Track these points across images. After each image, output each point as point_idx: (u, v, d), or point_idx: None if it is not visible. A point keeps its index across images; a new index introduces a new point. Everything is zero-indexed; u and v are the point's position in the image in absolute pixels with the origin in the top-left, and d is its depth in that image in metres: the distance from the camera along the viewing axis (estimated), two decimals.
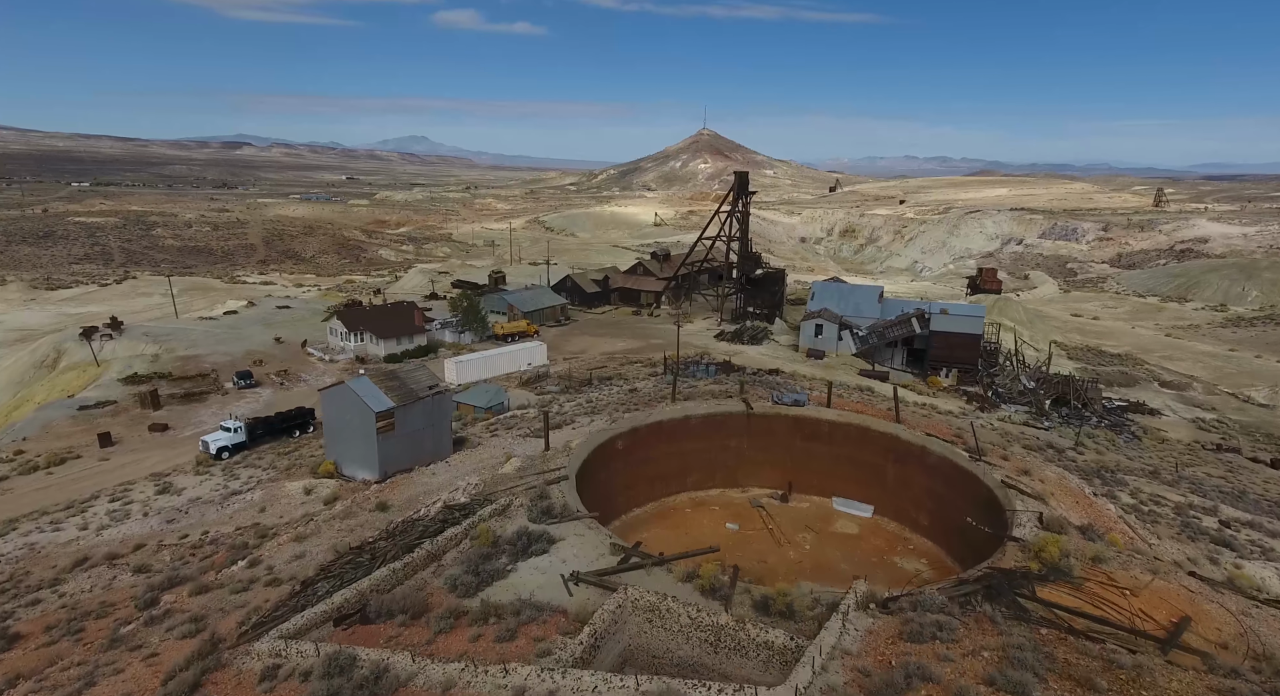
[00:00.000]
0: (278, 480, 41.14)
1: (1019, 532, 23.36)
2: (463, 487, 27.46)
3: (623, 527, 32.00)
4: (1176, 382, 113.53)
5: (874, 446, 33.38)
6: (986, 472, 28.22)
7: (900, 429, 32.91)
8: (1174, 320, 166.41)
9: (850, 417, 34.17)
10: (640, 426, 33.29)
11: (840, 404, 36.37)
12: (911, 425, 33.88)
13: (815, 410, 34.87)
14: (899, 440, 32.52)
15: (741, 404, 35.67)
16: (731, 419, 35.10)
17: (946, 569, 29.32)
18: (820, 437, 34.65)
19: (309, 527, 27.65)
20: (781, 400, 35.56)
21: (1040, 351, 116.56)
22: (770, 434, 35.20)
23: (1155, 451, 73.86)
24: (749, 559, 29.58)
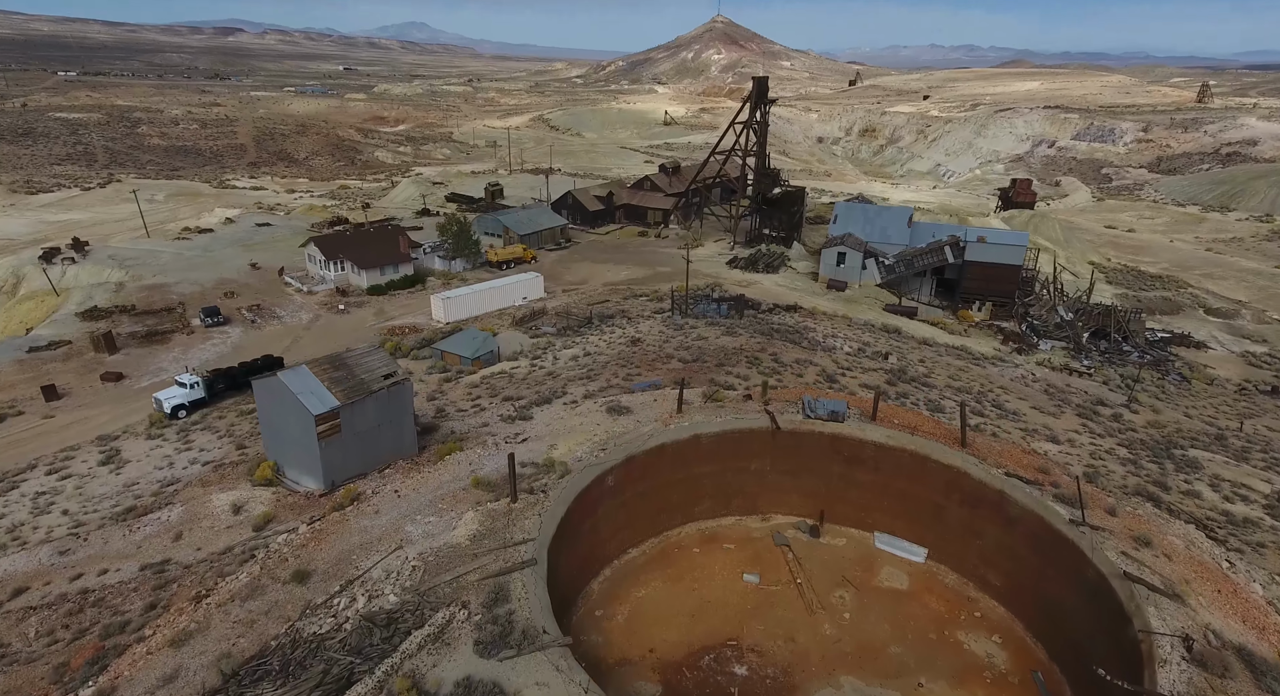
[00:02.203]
0: (209, 485, 34.66)
1: (1168, 679, 16.52)
2: (396, 572, 20.67)
3: (613, 581, 25.51)
4: (1224, 310, 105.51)
5: (933, 480, 26.27)
6: (1097, 547, 21.14)
7: (969, 461, 25.66)
8: (1215, 232, 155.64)
9: (903, 440, 26.87)
10: (636, 454, 26.17)
11: (890, 414, 28.97)
12: (982, 452, 26.59)
13: (858, 427, 27.53)
14: (967, 477, 25.34)
15: (765, 416, 28.32)
16: (752, 437, 27.89)
17: (1027, 652, 22.83)
18: (863, 463, 27.52)
19: (198, 615, 21.19)
20: (815, 412, 28.18)
21: (1078, 276, 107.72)
22: (800, 454, 28.09)
23: (1207, 397, 66.98)
24: (773, 636, 23.12)
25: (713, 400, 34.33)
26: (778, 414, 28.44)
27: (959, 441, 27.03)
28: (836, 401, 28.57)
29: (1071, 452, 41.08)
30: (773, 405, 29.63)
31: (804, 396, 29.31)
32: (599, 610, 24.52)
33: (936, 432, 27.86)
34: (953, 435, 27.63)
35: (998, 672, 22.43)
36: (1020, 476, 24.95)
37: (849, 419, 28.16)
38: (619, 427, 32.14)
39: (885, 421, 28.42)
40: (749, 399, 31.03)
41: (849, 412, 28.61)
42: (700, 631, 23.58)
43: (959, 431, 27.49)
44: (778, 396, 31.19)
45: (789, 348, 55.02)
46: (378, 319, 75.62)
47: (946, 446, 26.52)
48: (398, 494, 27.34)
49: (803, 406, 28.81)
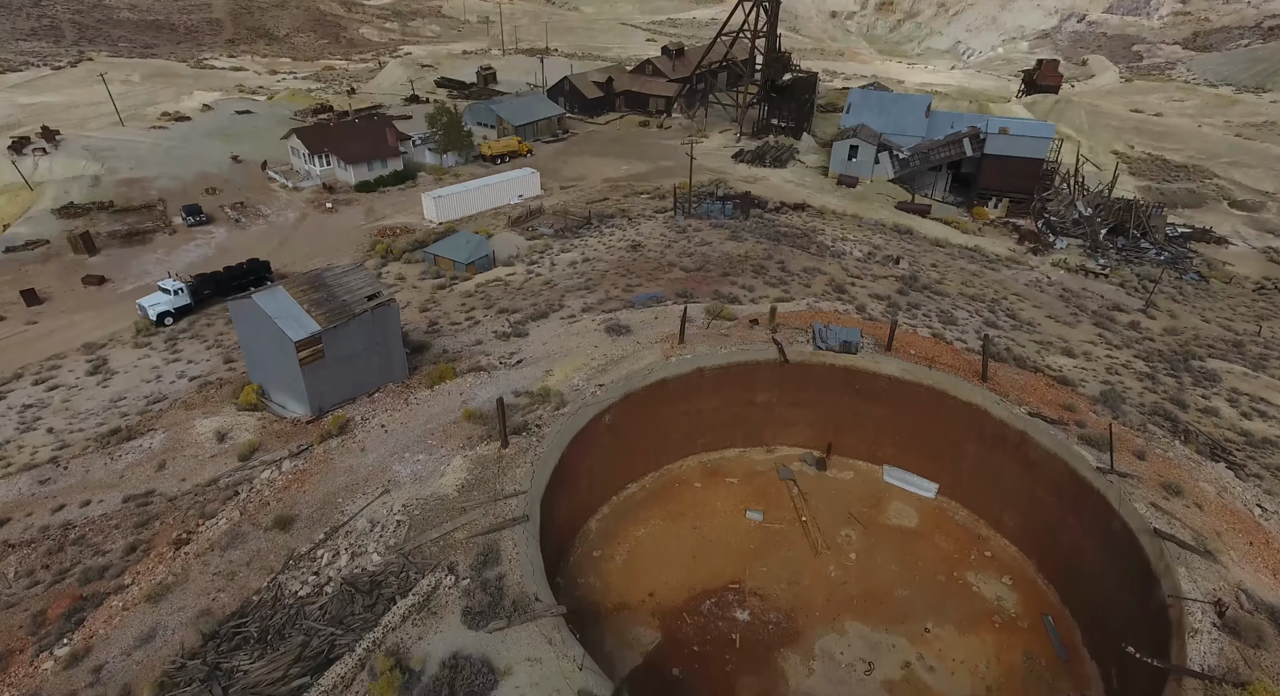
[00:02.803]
0: (192, 409, 33.39)
1: (1198, 651, 15.56)
2: (381, 525, 19.50)
3: (611, 519, 24.61)
4: (1249, 203, 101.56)
5: (950, 417, 24.77)
6: (1125, 499, 19.85)
7: (990, 399, 24.04)
8: (1247, 116, 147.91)
9: (920, 374, 25.15)
10: (635, 391, 24.55)
11: (907, 342, 27.10)
12: (1004, 387, 24.94)
13: (872, 359, 25.74)
14: (987, 416, 23.81)
15: (772, 346, 26.48)
16: (758, 369, 26.18)
17: (1039, 596, 22.14)
18: (877, 397, 25.94)
19: (177, 566, 20.27)
20: (826, 342, 26.30)
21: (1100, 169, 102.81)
22: (809, 387, 26.48)
23: (1225, 298, 65.16)
24: (776, 579, 22.38)
25: (718, 317, 32.46)
26: (786, 344, 26.60)
27: (979, 375, 25.33)
28: (849, 330, 26.64)
29: (1087, 368, 39.54)
30: (781, 333, 27.74)
31: (815, 324, 27.35)
32: (597, 551, 23.72)
33: (955, 364, 26.11)
34: (973, 368, 25.90)
35: (1007, 617, 21.79)
36: (1044, 416, 23.40)
37: (862, 349, 26.33)
38: (617, 350, 30.45)
39: (901, 351, 26.62)
40: (755, 324, 29.10)
41: (862, 342, 26.75)
42: (701, 574, 22.82)
43: (979, 363, 25.74)
44: (787, 321, 29.23)
45: (796, 254, 52.44)
46: (367, 218, 72.38)
47: (966, 381, 24.84)
48: (385, 429, 25.98)
49: (813, 335, 26.91)
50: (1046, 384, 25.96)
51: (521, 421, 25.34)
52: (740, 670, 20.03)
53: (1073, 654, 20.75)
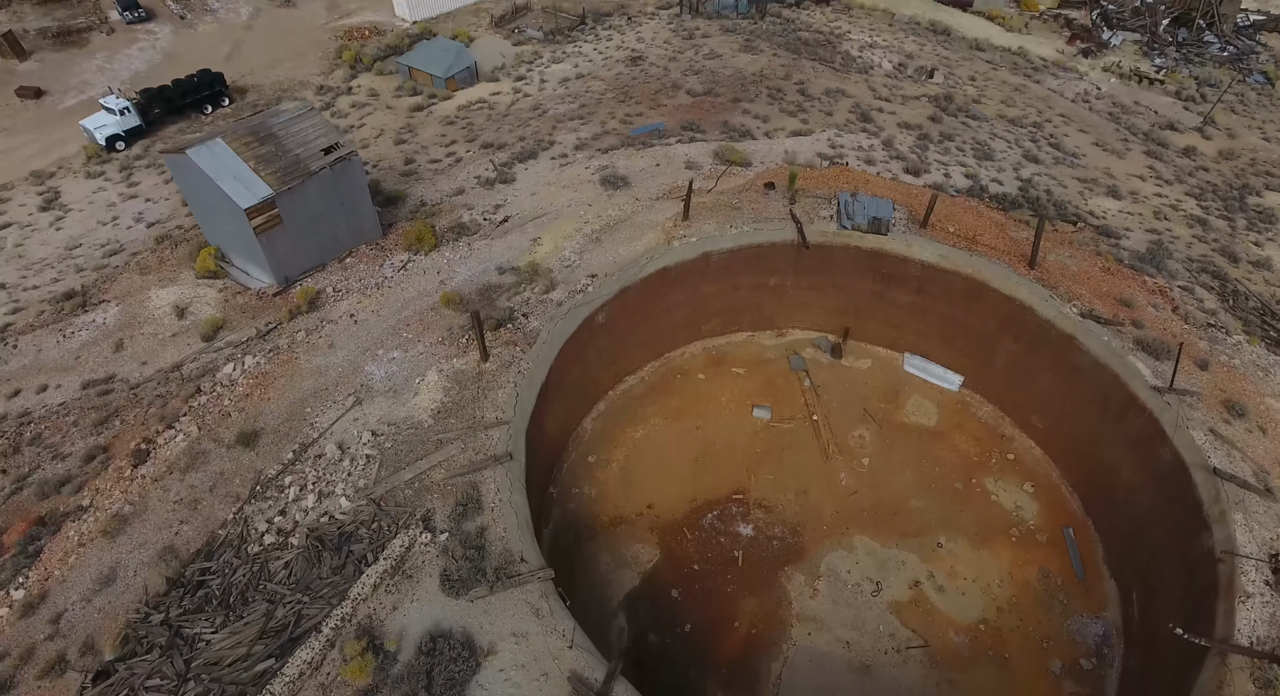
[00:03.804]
0: (146, 273, 30.30)
1: (1247, 618, 14.23)
2: (352, 454, 17.49)
3: (608, 416, 22.81)
4: None
5: (988, 310, 21.90)
6: (1182, 425, 17.66)
7: (1036, 293, 21.00)
8: None
9: (958, 261, 21.87)
10: (631, 285, 21.44)
11: (947, 216, 23.42)
12: (1054, 277, 21.77)
13: (904, 242, 22.30)
14: (1032, 314, 20.94)
15: (788, 222, 22.88)
16: (772, 252, 22.83)
17: (1060, 505, 20.89)
18: (906, 284, 22.88)
19: (134, 491, 18.61)
20: (853, 219, 22.66)
21: None
22: (829, 270, 23.31)
23: None
24: (783, 488, 21.03)
25: (728, 164, 28.50)
26: (806, 221, 22.97)
27: (1027, 260, 22.04)
28: (880, 203, 22.84)
29: (1133, 213, 35.74)
30: (801, 204, 23.94)
31: (840, 194, 23.46)
32: (592, 455, 22.11)
33: (1000, 245, 22.69)
34: (1019, 251, 22.52)
35: (1025, 529, 20.64)
36: (1097, 316, 20.53)
37: (893, 227, 22.76)
38: (614, 210, 26.93)
39: (938, 228, 23.06)
40: (771, 188, 25.15)
41: (894, 217, 23.08)
42: (704, 483, 21.38)
43: (1026, 245, 22.35)
44: (809, 186, 25.21)
45: (818, 71, 45.94)
46: (330, 15, 63.42)
47: (1011, 270, 21.62)
48: (355, 319, 23.25)
49: (838, 209, 23.17)
50: (1102, 269, 22.72)
51: (506, 308, 22.63)
52: (742, 591, 19.20)
53: (1091, 571, 19.82)
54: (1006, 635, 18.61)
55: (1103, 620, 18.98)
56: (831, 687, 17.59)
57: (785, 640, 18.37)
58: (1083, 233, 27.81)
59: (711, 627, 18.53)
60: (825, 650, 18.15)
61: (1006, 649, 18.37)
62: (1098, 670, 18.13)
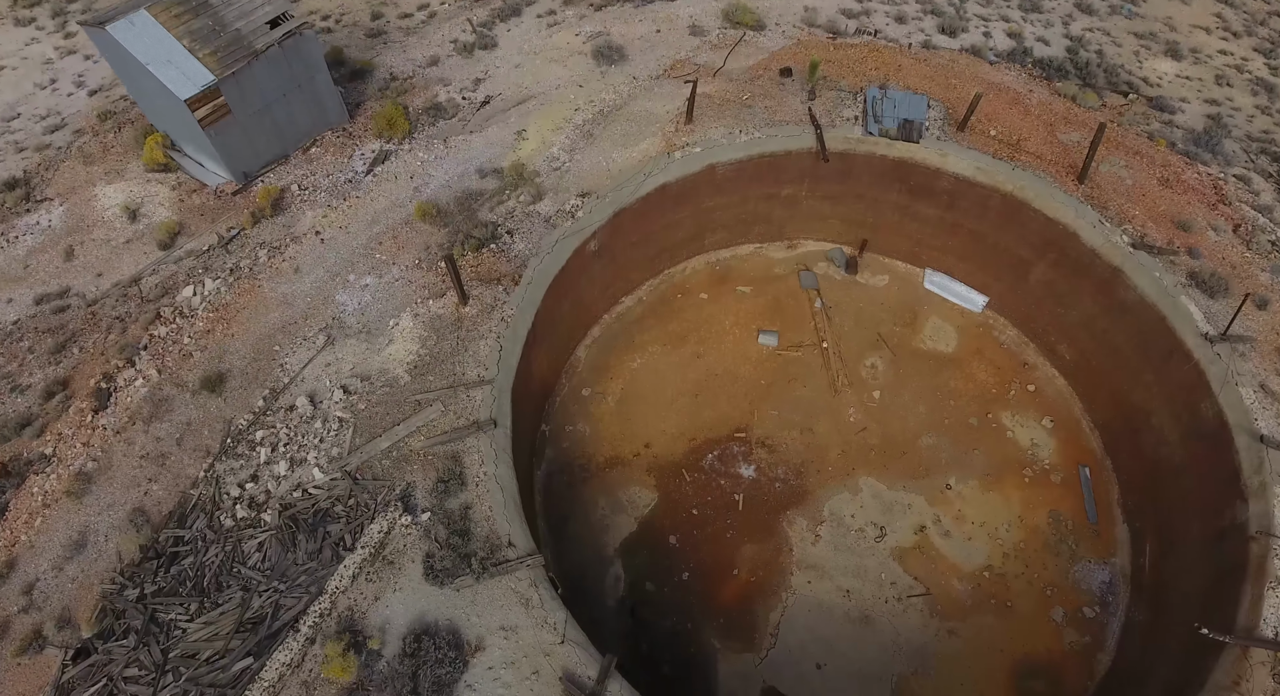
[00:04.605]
0: (90, 163, 27.28)
1: (1274, 605, 13.57)
2: (325, 413, 16.04)
3: (603, 344, 21.32)
4: None
5: (1026, 232, 19.58)
6: (1230, 381, 16.11)
7: (1084, 216, 18.59)
8: None
9: (998, 174, 19.21)
10: (627, 207, 18.90)
11: (989, 115, 20.35)
12: (1105, 193, 19.21)
13: (938, 150, 19.48)
14: (1076, 241, 18.66)
15: (805, 124, 19.90)
16: (786, 161, 20.03)
17: (1079, 442, 19.96)
18: (935, 198, 20.32)
19: (96, 443, 17.33)
20: (881, 121, 19.64)
21: None
22: (849, 179, 20.64)
23: None
24: (788, 425, 20.00)
25: (737, 23, 24.97)
26: (827, 123, 19.93)
27: (1077, 172, 19.38)
28: (914, 101, 19.72)
29: (1192, 79, 31.97)
30: (822, 100, 20.73)
31: (869, 90, 20.22)
32: (586, 389, 20.73)
33: (1047, 153, 19.88)
34: (1068, 160, 19.76)
35: (1040, 468, 19.76)
36: (1150, 245, 18.28)
37: (927, 130, 19.81)
38: (608, 93, 23.92)
39: (978, 131, 20.11)
40: (788, 75, 21.75)
41: (927, 119, 20.04)
42: (704, 419, 20.19)
43: (1077, 154, 19.58)
44: (832, 72, 21.73)
45: None
46: None
47: (1057, 186, 19.03)
48: (321, 237, 20.92)
49: (865, 108, 20.05)
50: (1160, 182, 20.03)
51: (489, 224, 20.35)
52: (741, 537, 18.62)
53: (1104, 514, 19.16)
54: (1010, 582, 18.25)
55: (1110, 566, 18.56)
56: (829, 638, 17.44)
57: (784, 588, 18.03)
58: (1134, 106, 24.76)
59: (710, 575, 18.13)
60: (824, 599, 17.85)
61: (1009, 596, 18.07)
62: (1100, 618, 17.93)
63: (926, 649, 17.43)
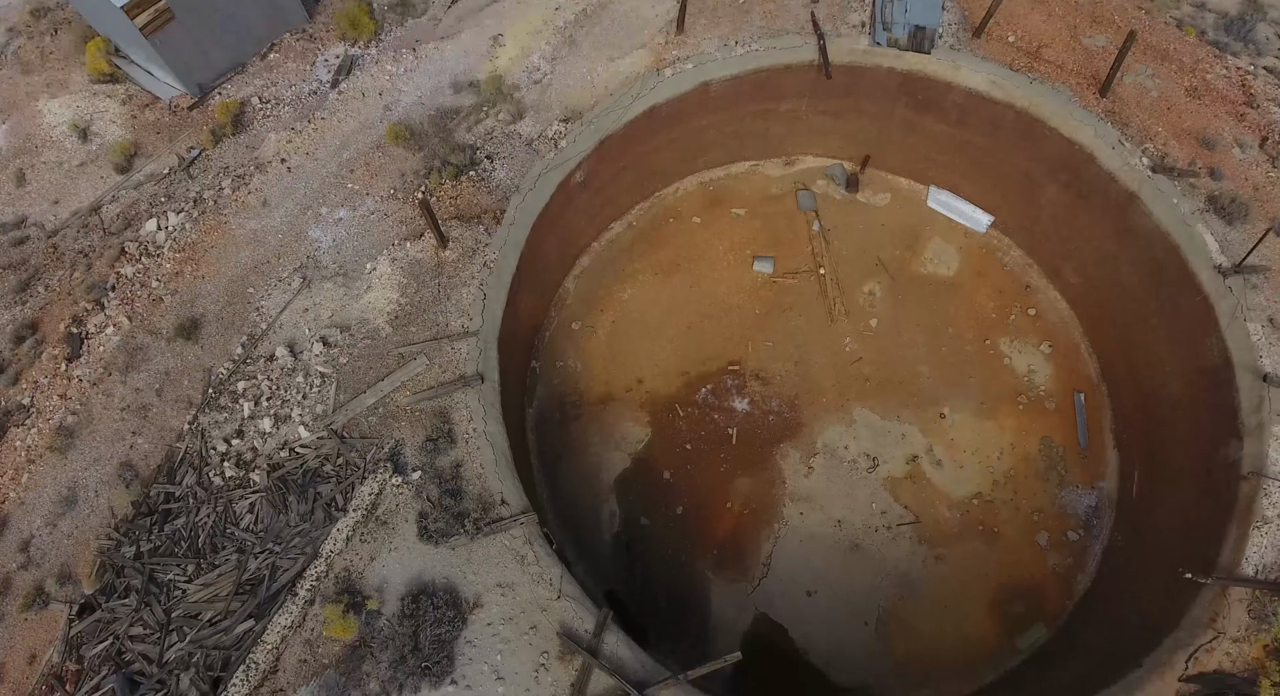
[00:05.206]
0: (30, 73, 25.10)
1: (1258, 545, 13.84)
2: (306, 365, 15.49)
3: (593, 274, 20.70)
4: None
5: (1040, 151, 18.40)
6: (1239, 317, 15.66)
7: (1103, 136, 17.38)
8: None
9: (1014, 90, 17.78)
10: (614, 133, 17.52)
11: (1009, 20, 18.61)
12: (1128, 109, 17.90)
13: (949, 62, 17.91)
14: (1091, 162, 17.55)
15: (806, 33, 18.19)
16: (786, 77, 18.44)
17: (1077, 368, 19.89)
18: (944, 114, 18.93)
19: (73, 395, 16.77)
20: (891, 28, 17.92)
21: None
22: (853, 94, 19.15)
23: None
24: (782, 356, 19.78)
25: None
26: (832, 29, 18.18)
27: (1099, 83, 17.98)
28: (927, 5, 17.91)
29: None
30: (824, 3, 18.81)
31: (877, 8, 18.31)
32: (576, 322, 20.15)
33: (1069, 62, 18.35)
34: (1091, 70, 18.25)
35: (1035, 395, 19.65)
36: (1170, 166, 17.24)
37: (940, 39, 18.15)
38: None
39: (996, 37, 18.45)
40: None
41: (944, 20, 18.31)
42: (698, 352, 19.77)
43: (1104, 58, 18.09)
44: None
45: None
46: None
47: (1075, 102, 17.69)
48: (288, 166, 19.54)
49: (873, 14, 18.24)
50: (1187, 91, 18.61)
51: (467, 148, 19.09)
52: (734, 471, 18.72)
53: (1095, 440, 19.25)
54: (999, 508, 18.57)
55: (1097, 491, 18.85)
56: (820, 566, 17.91)
57: (777, 520, 18.32)
58: None
59: (703, 509, 18.36)
60: (816, 530, 18.18)
61: (997, 522, 18.44)
62: (1083, 541, 18.40)
63: (914, 575, 17.94)
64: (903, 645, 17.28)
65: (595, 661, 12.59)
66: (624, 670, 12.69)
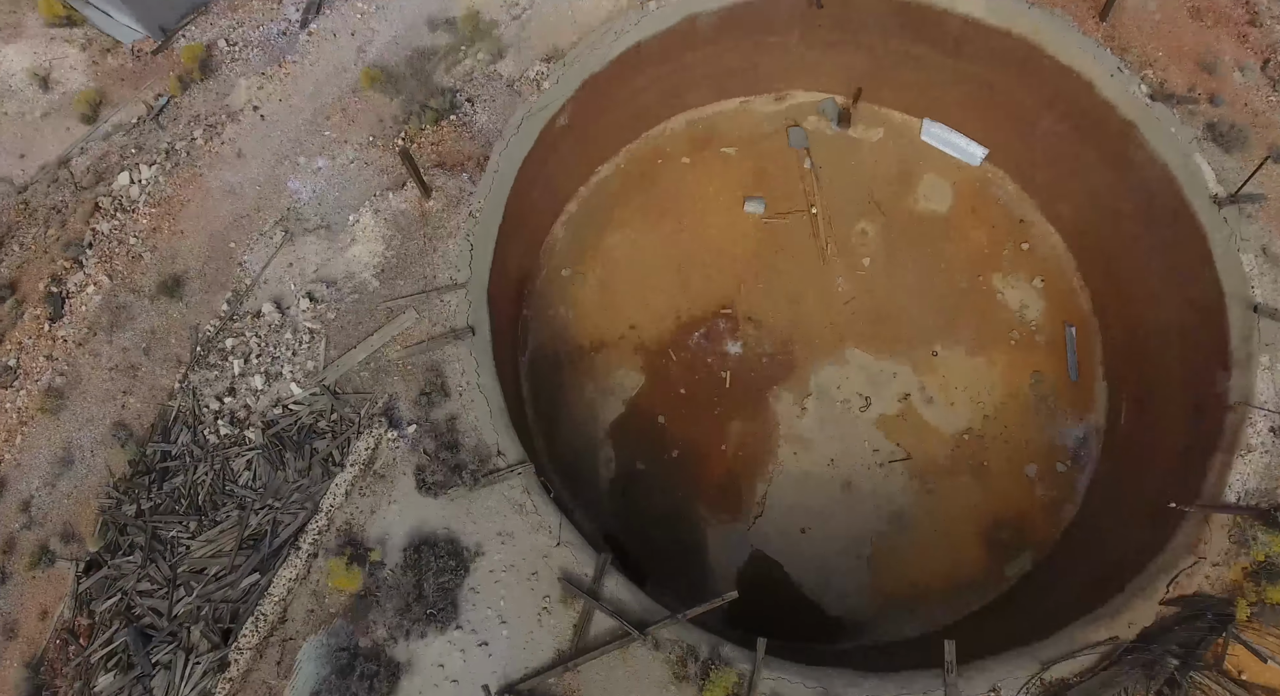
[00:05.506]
0: None
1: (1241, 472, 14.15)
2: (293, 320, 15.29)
3: (580, 219, 20.46)
4: None
5: (1037, 81, 17.90)
6: (1231, 250, 15.58)
7: (1102, 62, 16.87)
8: None
9: (1014, 17, 17.12)
10: (596, 73, 16.88)
11: None
12: (1127, 35, 17.35)
13: None
14: (1089, 92, 17.08)
15: None
16: (776, 8, 17.71)
17: (1069, 302, 19.99)
18: (941, 43, 18.31)
19: (59, 355, 16.53)
20: None
21: None
22: (846, 26, 18.45)
23: None
24: (775, 297, 19.80)
25: None
26: None
27: (1100, 10, 17.38)
28: None
29: None
30: None
31: None
32: (566, 269, 19.91)
33: None
34: None
35: (1026, 330, 19.71)
36: (1169, 93, 16.85)
37: None
38: None
39: None
40: None
41: None
42: (689, 296, 19.64)
43: None
44: None
45: None
46: None
47: (1074, 27, 17.13)
48: (261, 113, 18.86)
49: None
50: (1190, 12, 18.01)
51: (446, 91, 18.49)
52: (728, 414, 18.86)
53: (1085, 372, 19.42)
54: (989, 443, 18.84)
55: (1085, 422, 19.11)
56: (813, 504, 18.26)
57: (771, 461, 18.56)
58: None
59: (698, 452, 18.56)
60: (810, 469, 18.46)
61: (986, 456, 18.74)
62: (1070, 473, 18.76)
63: (905, 509, 18.33)
64: (894, 576, 17.78)
65: (596, 604, 12.91)
66: (624, 611, 13.02)
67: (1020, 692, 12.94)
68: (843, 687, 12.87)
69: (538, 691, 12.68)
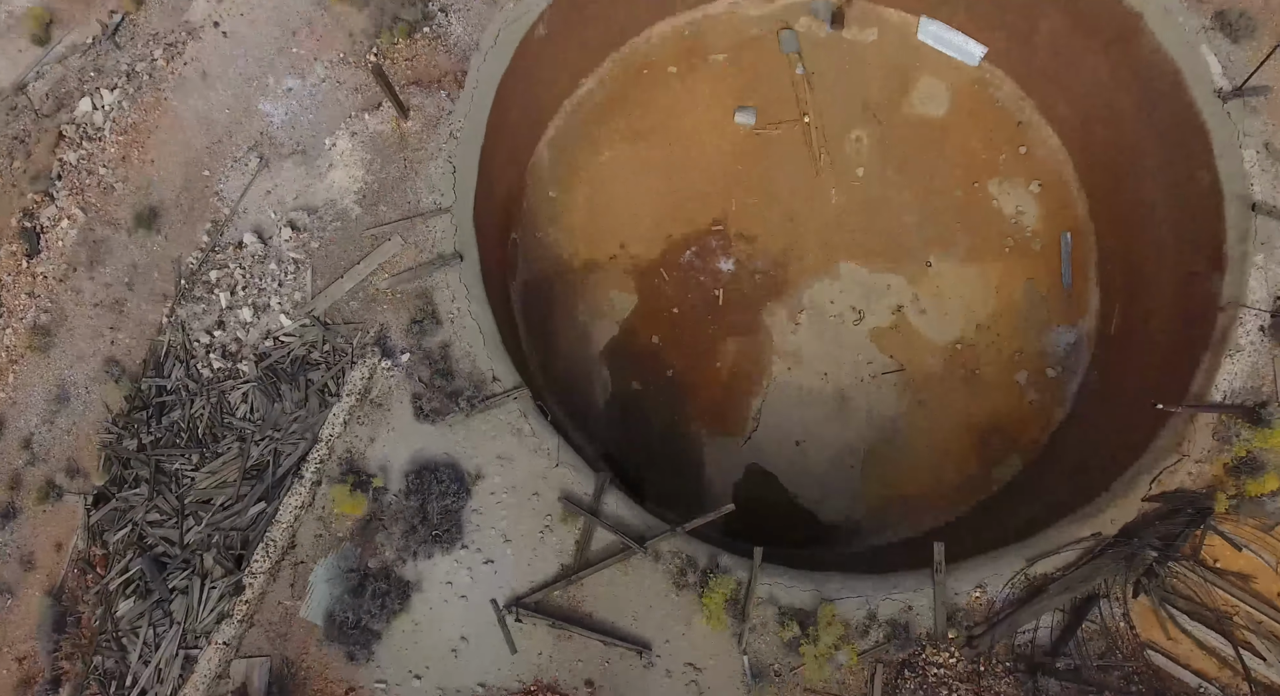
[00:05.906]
0: None
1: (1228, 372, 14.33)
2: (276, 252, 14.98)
3: (565, 139, 19.88)
4: None
5: None
6: (1232, 145, 15.23)
7: None
8: None
9: None
10: None
11: None
12: None
13: None
14: None
15: None
16: None
17: (1066, 208, 19.74)
18: None
19: (41, 293, 16.17)
20: None
21: None
22: None
23: None
24: (767, 213, 19.58)
25: None
26: None
27: None
28: None
29: None
30: None
31: None
32: (553, 190, 19.42)
33: None
34: None
35: (1021, 237, 19.51)
36: None
37: None
38: None
39: None
40: None
41: None
42: (680, 213, 19.27)
43: None
44: None
45: None
46: None
47: None
48: (223, 31, 17.87)
49: None
50: None
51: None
52: (722, 332, 18.87)
53: (1079, 279, 19.36)
54: (981, 352, 18.97)
55: (1076, 328, 19.20)
56: (807, 418, 18.53)
57: (765, 377, 18.70)
58: None
59: (693, 371, 18.67)
60: (803, 383, 18.63)
61: (978, 365, 18.90)
62: (1060, 378, 18.98)
63: (897, 419, 18.63)
64: (886, 483, 18.25)
65: (597, 521, 13.24)
66: (624, 526, 13.39)
67: (1005, 588, 13.50)
68: (836, 589, 13.41)
69: (544, 604, 13.19)
